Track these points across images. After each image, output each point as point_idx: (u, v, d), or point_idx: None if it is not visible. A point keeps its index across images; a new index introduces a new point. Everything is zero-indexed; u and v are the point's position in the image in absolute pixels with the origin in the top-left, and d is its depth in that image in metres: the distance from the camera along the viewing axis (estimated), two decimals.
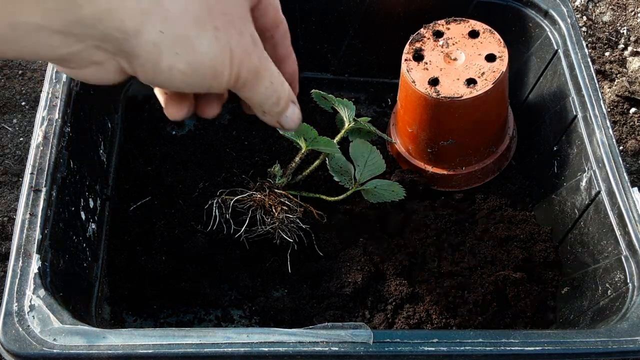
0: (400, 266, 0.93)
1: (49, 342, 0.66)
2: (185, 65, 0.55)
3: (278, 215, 0.87)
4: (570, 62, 0.97)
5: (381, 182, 0.95)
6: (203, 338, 0.67)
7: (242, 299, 0.93)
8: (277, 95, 0.65)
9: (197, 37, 0.55)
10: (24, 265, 0.72)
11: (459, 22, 1.00)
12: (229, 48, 0.57)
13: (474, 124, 0.98)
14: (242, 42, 0.59)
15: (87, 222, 0.88)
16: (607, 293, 0.82)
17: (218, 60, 0.57)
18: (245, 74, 0.60)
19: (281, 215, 0.87)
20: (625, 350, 0.71)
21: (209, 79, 0.58)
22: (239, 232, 0.88)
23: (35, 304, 0.69)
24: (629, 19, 1.49)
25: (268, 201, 0.87)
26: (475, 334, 0.70)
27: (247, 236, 0.90)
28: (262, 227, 0.89)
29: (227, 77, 0.59)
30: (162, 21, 0.52)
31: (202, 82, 0.58)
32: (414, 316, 0.89)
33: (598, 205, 0.87)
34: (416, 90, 0.94)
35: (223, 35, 0.57)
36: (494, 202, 1.02)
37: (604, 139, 0.88)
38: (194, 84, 0.58)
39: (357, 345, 0.68)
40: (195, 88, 0.59)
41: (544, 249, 0.95)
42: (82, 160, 0.88)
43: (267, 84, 0.63)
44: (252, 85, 0.62)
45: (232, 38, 0.58)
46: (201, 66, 0.56)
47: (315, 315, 0.89)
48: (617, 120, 1.32)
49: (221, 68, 0.58)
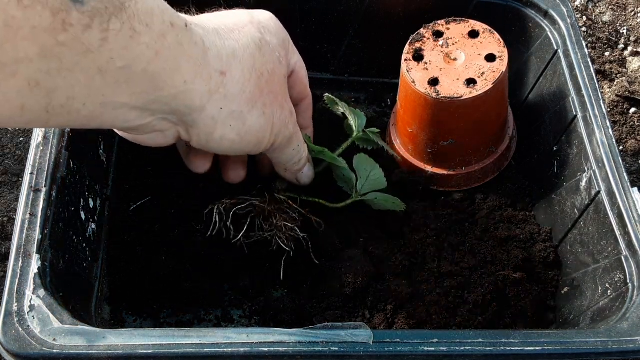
0: (400, 266, 0.93)
1: (49, 342, 0.66)
2: (236, 136, 0.63)
3: (277, 222, 0.88)
4: (570, 62, 0.97)
5: (381, 195, 0.95)
6: (203, 338, 0.67)
7: (242, 299, 0.93)
8: (299, 157, 0.76)
9: (249, 113, 0.63)
10: (24, 266, 0.72)
11: (459, 22, 1.00)
12: (272, 121, 0.66)
13: (474, 124, 0.98)
14: (283, 115, 0.67)
15: (87, 222, 0.88)
16: (607, 293, 0.82)
17: (262, 131, 0.66)
18: (280, 140, 0.69)
19: (280, 223, 0.88)
20: (625, 351, 0.71)
21: (252, 146, 0.67)
22: (238, 237, 0.89)
23: (35, 304, 0.69)
24: (629, 19, 1.49)
25: (268, 208, 0.88)
26: (475, 334, 0.70)
27: (245, 241, 0.90)
28: (260, 234, 0.89)
29: (265, 144, 0.67)
30: (222, 99, 0.60)
31: (245, 149, 0.67)
32: (414, 316, 0.89)
33: (598, 205, 0.87)
34: (416, 90, 0.94)
35: (269, 110, 0.65)
36: (494, 202, 1.02)
37: (604, 139, 0.88)
38: (238, 150, 0.67)
39: (357, 346, 0.68)
40: (237, 152, 0.68)
41: (544, 249, 0.95)
42: (82, 160, 0.88)
43: (295, 147, 0.73)
44: (282, 149, 0.71)
45: (275, 112, 0.66)
46: (249, 136, 0.65)
47: (315, 315, 0.89)
48: (617, 120, 1.32)
49: (263, 137, 0.66)
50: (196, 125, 0.61)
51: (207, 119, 0.60)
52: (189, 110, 0.59)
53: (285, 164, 0.76)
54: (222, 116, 0.61)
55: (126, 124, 0.58)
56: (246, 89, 0.62)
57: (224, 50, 0.61)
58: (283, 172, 0.79)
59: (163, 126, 0.61)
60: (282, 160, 0.74)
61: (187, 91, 0.57)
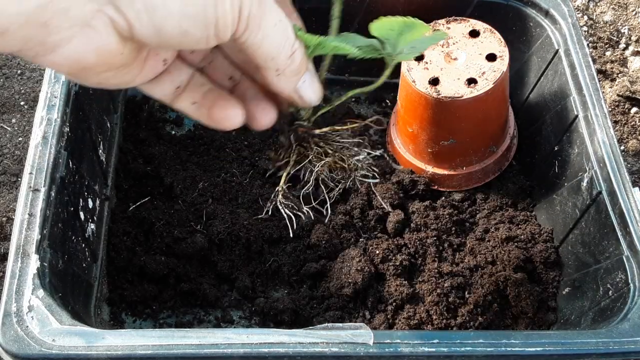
0: (400, 266, 0.92)
1: (48, 343, 0.66)
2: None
3: (347, 162, 0.67)
4: (571, 62, 0.97)
5: (418, 41, 0.73)
6: (202, 339, 0.66)
7: (242, 299, 0.93)
8: (290, 44, 0.58)
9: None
10: (23, 266, 0.71)
11: (460, 22, 1.00)
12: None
13: (475, 124, 0.97)
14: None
15: (86, 222, 0.88)
16: (608, 293, 0.82)
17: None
18: (247, 3, 0.53)
19: (350, 161, 0.66)
20: (626, 351, 0.70)
21: (212, 9, 0.51)
22: (330, 198, 0.68)
23: (34, 304, 0.69)
24: (629, 19, 1.49)
25: (325, 150, 0.66)
26: (476, 335, 0.70)
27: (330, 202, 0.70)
28: (337, 184, 0.68)
29: (229, 9, 0.52)
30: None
31: (207, 21, 0.52)
32: (414, 317, 0.88)
33: (599, 205, 0.86)
34: (416, 90, 0.94)
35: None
36: (494, 202, 1.02)
37: (605, 139, 0.88)
38: (198, 27, 0.52)
39: (357, 346, 0.67)
40: (199, 34, 0.52)
41: (545, 249, 0.95)
42: (81, 160, 0.88)
43: (276, 20, 0.56)
44: (258, 23, 0.54)
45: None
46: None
47: (315, 315, 0.89)
48: (618, 120, 1.31)
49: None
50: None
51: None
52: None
53: (276, 58, 0.57)
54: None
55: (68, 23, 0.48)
56: None
57: None
58: (276, 77, 0.59)
59: (86, 12, 0.49)
60: (267, 50, 0.56)
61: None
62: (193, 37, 0.52)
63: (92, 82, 0.56)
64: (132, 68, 0.57)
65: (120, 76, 0.57)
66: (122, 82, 0.58)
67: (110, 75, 0.56)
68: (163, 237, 0.94)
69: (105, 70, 0.54)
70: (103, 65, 0.53)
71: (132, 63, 0.56)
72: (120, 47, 0.52)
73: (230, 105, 0.63)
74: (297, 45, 0.59)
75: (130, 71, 0.57)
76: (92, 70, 0.53)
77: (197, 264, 0.94)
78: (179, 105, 0.64)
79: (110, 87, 0.59)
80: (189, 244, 0.93)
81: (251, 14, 0.53)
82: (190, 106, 0.64)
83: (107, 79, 0.56)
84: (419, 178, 1.02)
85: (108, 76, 0.55)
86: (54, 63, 0.51)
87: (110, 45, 0.51)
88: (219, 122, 0.63)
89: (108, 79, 0.56)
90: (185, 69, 0.64)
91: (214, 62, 0.66)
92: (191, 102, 0.64)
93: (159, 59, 0.60)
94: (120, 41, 0.52)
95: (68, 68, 0.52)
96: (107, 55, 0.52)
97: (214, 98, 0.63)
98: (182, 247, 0.93)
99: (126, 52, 0.53)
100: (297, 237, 0.96)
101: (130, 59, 0.55)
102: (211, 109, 0.63)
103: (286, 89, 0.60)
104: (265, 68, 0.58)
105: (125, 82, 0.58)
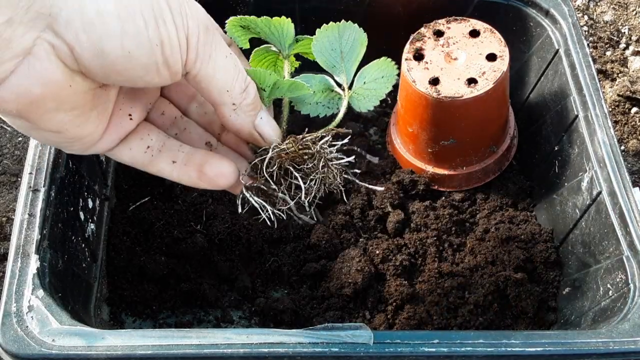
0: (400, 266, 0.92)
1: (48, 343, 0.66)
2: (114, 6, 0.47)
3: (318, 165, 0.64)
4: (572, 62, 0.97)
5: (370, 77, 0.70)
6: (202, 339, 0.66)
7: (242, 299, 0.93)
8: (243, 77, 0.56)
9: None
10: (23, 266, 0.71)
11: (460, 22, 1.00)
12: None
13: (475, 124, 0.97)
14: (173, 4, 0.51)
15: (86, 222, 0.88)
16: (608, 293, 0.82)
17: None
18: (194, 28, 0.51)
19: (321, 164, 0.63)
20: (626, 351, 0.70)
21: (153, 30, 0.49)
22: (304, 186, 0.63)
23: (34, 304, 0.69)
24: (630, 18, 1.49)
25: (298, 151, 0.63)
26: (476, 335, 0.70)
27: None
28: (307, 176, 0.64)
29: (173, 31, 0.49)
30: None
31: (150, 43, 0.49)
32: (414, 317, 0.88)
33: (599, 205, 0.86)
34: (416, 90, 0.94)
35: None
36: (494, 202, 1.02)
37: (605, 139, 0.88)
38: (142, 54, 0.49)
39: (357, 346, 0.67)
40: (142, 60, 0.49)
41: (545, 249, 0.95)
42: (81, 160, 0.88)
43: (226, 52, 0.54)
44: (209, 53, 0.52)
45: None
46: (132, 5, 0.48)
47: (315, 316, 0.89)
48: (619, 120, 1.31)
49: (160, 10, 0.49)
50: (61, 14, 0.46)
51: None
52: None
53: (231, 92, 0.54)
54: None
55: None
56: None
57: None
58: (232, 114, 0.57)
59: (27, 38, 0.47)
60: (223, 83, 0.54)
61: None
62: (139, 62, 0.50)
63: (47, 126, 0.52)
64: (90, 115, 0.54)
65: (78, 123, 0.53)
66: (83, 133, 0.55)
67: (65, 119, 0.52)
68: (163, 237, 0.94)
69: (57, 108, 0.51)
70: (52, 100, 0.50)
71: (88, 106, 0.53)
72: (67, 77, 0.49)
73: (224, 161, 0.61)
74: (249, 80, 0.58)
75: (88, 119, 0.54)
76: (41, 105, 0.50)
77: (197, 264, 0.94)
78: (156, 168, 0.61)
79: (71, 142, 0.55)
80: (189, 244, 0.93)
81: (200, 41, 0.52)
82: (170, 165, 0.61)
83: (62, 123, 0.52)
84: (419, 178, 1.02)
85: (63, 119, 0.52)
86: (2, 99, 0.48)
87: (55, 75, 0.49)
88: (212, 179, 0.60)
89: (64, 124, 0.52)
90: (156, 131, 0.62)
91: (188, 129, 0.64)
92: (170, 161, 0.61)
93: (123, 113, 0.58)
94: (65, 71, 0.49)
95: (16, 104, 0.49)
96: (53, 86, 0.49)
97: (202, 156, 0.61)
98: (182, 247, 0.93)
99: (76, 86, 0.50)
100: (297, 237, 0.96)
101: (83, 98, 0.52)
102: (202, 167, 0.60)
103: (245, 125, 0.59)
104: (222, 103, 0.56)
105: (87, 135, 0.55)
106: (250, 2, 1.03)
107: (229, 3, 1.04)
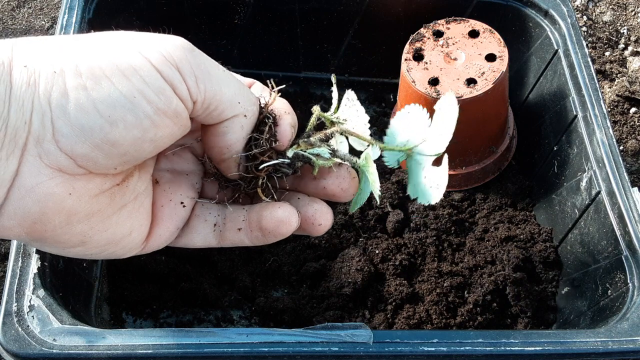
0: (400, 266, 0.93)
1: (49, 342, 0.66)
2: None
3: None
4: (571, 62, 0.97)
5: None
6: (203, 338, 0.67)
7: (242, 299, 0.93)
8: (247, 88, 0.51)
9: None
10: (24, 265, 0.72)
11: (459, 22, 1.00)
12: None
13: (474, 124, 0.98)
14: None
15: None
16: (607, 293, 0.82)
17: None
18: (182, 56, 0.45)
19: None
20: (625, 351, 0.70)
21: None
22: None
23: (35, 304, 0.69)
24: (629, 19, 1.49)
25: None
26: (476, 334, 0.70)
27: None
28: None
29: (184, 88, 0.45)
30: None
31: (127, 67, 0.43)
32: (414, 316, 0.89)
33: (598, 205, 0.86)
34: (416, 90, 0.94)
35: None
36: (494, 202, 1.02)
37: (604, 139, 0.88)
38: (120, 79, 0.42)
39: (357, 346, 0.67)
40: (124, 110, 0.43)
41: (544, 249, 0.95)
42: None
43: (222, 67, 0.49)
44: (207, 71, 0.46)
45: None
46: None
47: (315, 315, 0.89)
48: (618, 120, 1.31)
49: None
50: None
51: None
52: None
53: (242, 103, 0.49)
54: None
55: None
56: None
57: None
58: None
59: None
60: (230, 94, 0.48)
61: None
62: (125, 120, 0.43)
63: (68, 241, 0.46)
64: (118, 216, 0.48)
65: (105, 227, 0.48)
66: (116, 237, 0.49)
67: (85, 229, 0.46)
68: None
69: (67, 222, 0.45)
70: (56, 214, 0.44)
71: (109, 209, 0.47)
72: (64, 187, 0.44)
73: (274, 207, 0.52)
74: (258, 87, 0.53)
75: (117, 221, 0.48)
76: (47, 222, 0.44)
77: (197, 264, 0.94)
78: (229, 242, 0.55)
79: (104, 248, 0.49)
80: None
81: (193, 64, 0.46)
82: (239, 234, 0.54)
83: (83, 234, 0.46)
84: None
85: (83, 230, 0.46)
86: (5, 227, 0.44)
87: (49, 187, 0.43)
88: (274, 230, 0.52)
89: (85, 235, 0.47)
90: (213, 205, 0.55)
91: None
92: (236, 229, 0.54)
93: (174, 204, 0.53)
94: (62, 180, 0.44)
95: (20, 228, 0.44)
96: (49, 201, 0.43)
97: (257, 212, 0.53)
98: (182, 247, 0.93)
99: (78, 193, 0.45)
100: (297, 236, 0.97)
101: (97, 202, 0.46)
102: (260, 222, 0.52)
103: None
104: (234, 115, 0.49)
105: (122, 238, 0.50)
106: (250, 3, 1.04)
107: (229, 4, 1.04)
